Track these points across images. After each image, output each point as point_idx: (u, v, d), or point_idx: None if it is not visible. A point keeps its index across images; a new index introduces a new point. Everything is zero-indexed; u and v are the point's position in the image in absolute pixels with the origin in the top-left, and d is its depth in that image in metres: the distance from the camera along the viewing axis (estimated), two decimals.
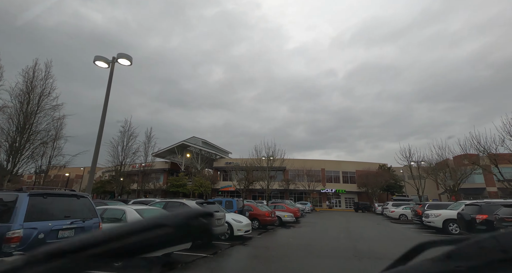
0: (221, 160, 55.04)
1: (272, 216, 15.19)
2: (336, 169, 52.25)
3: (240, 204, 14.25)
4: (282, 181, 47.37)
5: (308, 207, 34.86)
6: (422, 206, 16.36)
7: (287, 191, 48.16)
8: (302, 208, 26.84)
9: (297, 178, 46.55)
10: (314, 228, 16.26)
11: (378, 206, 34.77)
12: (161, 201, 9.69)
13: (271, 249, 9.02)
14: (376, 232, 14.45)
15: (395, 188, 47.67)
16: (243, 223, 10.87)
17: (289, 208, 20.64)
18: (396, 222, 20.23)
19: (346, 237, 12.17)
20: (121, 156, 30.50)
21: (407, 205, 23.46)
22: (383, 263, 4.80)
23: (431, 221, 13.63)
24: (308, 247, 9.46)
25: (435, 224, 13.43)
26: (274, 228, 15.38)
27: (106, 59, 9.42)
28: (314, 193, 49.30)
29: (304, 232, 14.06)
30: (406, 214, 22.13)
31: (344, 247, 9.35)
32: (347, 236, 12.49)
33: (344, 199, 51.60)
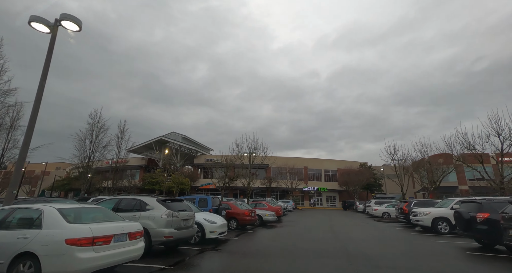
0: (202, 157, 52.82)
1: (252, 215, 13.72)
2: (318, 167, 51.88)
3: (216, 202, 12.62)
4: (264, 178, 46.15)
5: (290, 205, 33.86)
6: (408, 204, 15.60)
7: (269, 189, 47.00)
8: (284, 207, 25.67)
9: (279, 176, 45.55)
10: (297, 227, 14.98)
11: (360, 204, 34.47)
12: (114, 198, 7.85)
13: (249, 255, 7.51)
14: (362, 231, 13.41)
15: (375, 186, 48.06)
16: (218, 223, 9.29)
17: (270, 206, 19.29)
18: (380, 221, 19.52)
19: (333, 238, 10.95)
20: (89, 150, 27.69)
21: (390, 203, 22.96)
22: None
23: (420, 220, 12.79)
24: (293, 251, 8.07)
25: (423, 223, 12.59)
26: (254, 228, 13.91)
27: (46, 22, 7.41)
28: (296, 191, 48.58)
29: (287, 233, 12.71)
30: (389, 212, 21.58)
31: (333, 251, 8.05)
32: (334, 236, 11.27)
33: (325, 197, 51.35)
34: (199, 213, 9.72)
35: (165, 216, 6.80)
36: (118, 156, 33.14)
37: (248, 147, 21.70)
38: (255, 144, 21.70)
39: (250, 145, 21.65)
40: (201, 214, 9.67)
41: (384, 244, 9.53)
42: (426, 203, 15.27)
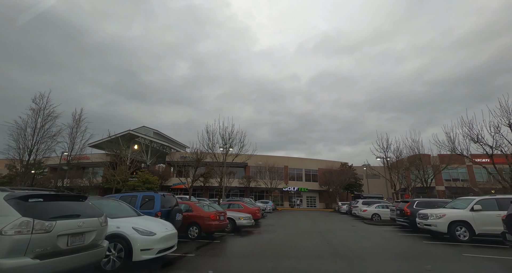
0: (176, 154, 48.10)
1: (221, 219, 10.24)
2: (299, 166, 49.38)
3: (169, 201, 8.97)
4: (242, 178, 42.68)
5: (269, 206, 30.66)
6: (410, 204, 12.96)
7: (247, 189, 43.58)
8: (263, 207, 22.39)
9: (259, 175, 42.32)
10: (279, 234, 11.72)
11: (343, 204, 32.15)
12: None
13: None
14: (361, 239, 10.44)
15: (355, 186, 46.45)
16: (158, 235, 5.71)
17: (247, 207, 15.90)
18: (371, 223, 16.86)
19: (329, 250, 7.79)
20: (31, 141, 22.54)
21: (379, 203, 20.55)
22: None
23: (432, 224, 10.05)
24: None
25: (437, 228, 9.86)
26: (224, 236, 10.45)
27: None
28: (276, 191, 45.61)
29: (267, 242, 9.39)
30: (379, 213, 19.07)
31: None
32: (330, 248, 8.12)
33: (306, 198, 48.91)
34: (132, 219, 6.11)
35: (13, 230, 3.17)
36: (71, 149, 28.00)
37: (221, 135, 17.32)
38: (230, 132, 17.36)
39: (224, 133, 17.26)
40: (134, 219, 6.06)
41: (408, 262, 6.52)
42: (431, 203, 12.73)
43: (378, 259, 6.82)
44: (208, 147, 17.33)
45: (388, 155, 19.28)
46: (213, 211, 10.18)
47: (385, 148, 19.25)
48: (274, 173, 40.33)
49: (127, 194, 8.64)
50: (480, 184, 40.41)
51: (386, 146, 19.23)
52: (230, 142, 16.45)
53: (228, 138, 17.25)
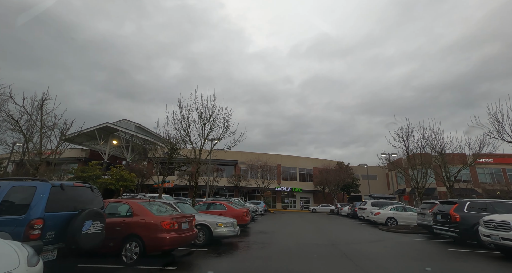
0: (161, 151, 43.41)
1: (183, 229, 6.03)
2: (292, 165, 45.46)
3: (77, 199, 4.73)
4: (232, 176, 38.36)
5: (261, 208, 26.50)
6: (459, 206, 9.06)
7: (237, 189, 39.27)
8: (253, 209, 18.23)
9: (249, 174, 38.10)
10: (278, 251, 7.60)
11: (342, 206, 28.30)
12: None
13: None
14: (420, 265, 6.45)
15: (352, 187, 42.87)
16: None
17: (232, 209, 11.71)
18: (392, 230, 12.92)
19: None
20: None
21: (393, 204, 16.73)
22: None
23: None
24: None
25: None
26: (189, 256, 6.26)
27: None
28: (268, 191, 41.47)
29: (258, 271, 5.29)
30: (395, 217, 15.21)
31: None
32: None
33: (299, 199, 44.95)
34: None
35: None
36: (27, 141, 23.06)
37: (199, 113, 11.93)
38: (211, 107, 12.07)
39: (202, 110, 11.91)
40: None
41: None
42: (487, 206, 8.88)
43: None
44: (180, 128, 12.02)
45: (408, 145, 15.46)
46: (169, 215, 5.96)
47: (407, 136, 15.38)
48: (266, 172, 36.24)
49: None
50: (484, 185, 37.44)
51: (407, 134, 15.37)
52: (212, 122, 11.96)
53: (208, 116, 11.98)
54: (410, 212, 15.37)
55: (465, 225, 8.61)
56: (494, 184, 36.93)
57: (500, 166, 38.51)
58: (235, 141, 11.94)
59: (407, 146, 15.80)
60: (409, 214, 15.12)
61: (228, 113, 11.58)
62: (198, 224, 7.86)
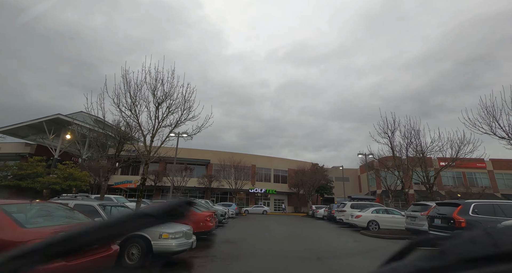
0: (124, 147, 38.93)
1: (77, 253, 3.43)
2: (267, 166, 43.60)
3: None
4: (203, 176, 35.33)
5: (232, 210, 24.03)
6: (462, 209, 7.56)
7: (208, 190, 36.29)
8: (222, 212, 15.74)
9: (222, 174, 35.36)
10: None
11: (318, 208, 26.88)
12: None
13: None
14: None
15: (326, 189, 42.12)
16: None
17: (192, 212, 9.13)
18: (376, 236, 11.33)
19: None
20: None
21: (374, 206, 15.36)
22: None
23: None
24: None
25: None
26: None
27: None
28: (241, 193, 39.04)
29: None
30: (377, 220, 13.76)
31: None
32: None
33: (273, 201, 43.12)
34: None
35: None
36: None
37: (151, 88, 8.92)
38: (169, 81, 9.13)
39: (155, 84, 8.91)
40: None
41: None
42: (496, 208, 7.49)
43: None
44: (126, 107, 8.72)
45: (395, 141, 14.19)
46: (58, 226, 3.39)
47: (392, 132, 14.06)
48: (240, 172, 33.83)
49: None
50: (448, 187, 38.88)
51: (393, 129, 14.06)
52: (169, 103, 8.96)
53: (164, 93, 8.89)
54: (393, 214, 14.05)
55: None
56: (457, 186, 38.43)
57: (460, 169, 40.34)
58: (199, 127, 9.42)
59: (392, 142, 14.52)
60: (392, 217, 13.78)
61: (190, 91, 9.02)
62: (132, 236, 5.32)
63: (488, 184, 40.04)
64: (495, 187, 40.21)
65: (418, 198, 39.47)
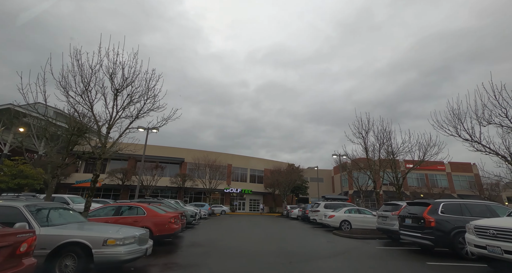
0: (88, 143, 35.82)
1: None
2: (244, 166, 42.94)
3: None
4: (176, 175, 33.67)
5: (205, 211, 23.03)
6: (432, 208, 7.50)
7: (181, 189, 34.67)
8: (192, 212, 14.77)
9: (197, 173, 33.97)
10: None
11: (292, 208, 26.79)
12: None
13: None
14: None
15: (301, 189, 42.52)
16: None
17: (154, 213, 8.20)
18: (348, 236, 11.18)
19: None
20: None
21: (347, 206, 15.39)
22: None
23: None
24: None
25: None
26: None
27: None
28: (216, 192, 37.96)
29: None
30: (349, 220, 13.74)
31: None
32: None
33: (248, 201, 42.54)
34: None
35: None
36: None
37: (109, 73, 7.57)
38: (128, 65, 7.80)
39: (114, 68, 7.57)
40: None
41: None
42: (465, 207, 7.54)
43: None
44: (76, 92, 7.40)
45: (369, 141, 14.28)
46: None
47: (367, 132, 14.14)
48: (215, 171, 32.76)
49: None
50: (413, 188, 41.23)
51: (367, 129, 14.16)
52: (131, 91, 7.80)
53: (123, 79, 7.65)
54: (364, 214, 14.14)
55: (441, 230, 7.06)
56: (420, 187, 40.89)
57: (424, 171, 43.10)
58: (165, 119, 8.43)
59: (366, 143, 14.65)
60: (363, 217, 13.85)
61: (155, 79, 7.96)
62: (67, 243, 4.34)
63: (446, 185, 43.21)
64: (452, 188, 43.50)
65: (386, 198, 41.36)
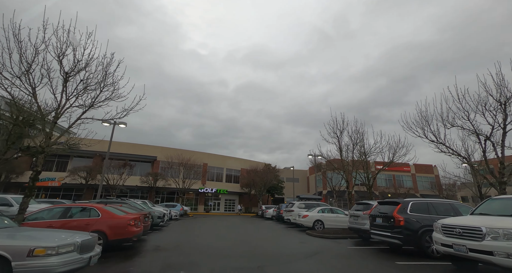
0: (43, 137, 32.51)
1: None
2: (220, 165, 41.98)
3: None
4: (147, 174, 31.83)
5: (177, 211, 21.93)
6: (401, 207, 7.52)
7: (152, 189, 32.85)
8: (160, 213, 13.78)
9: (170, 173, 32.40)
10: None
11: (267, 208, 26.56)
12: None
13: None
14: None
15: (277, 189, 42.62)
16: None
17: (110, 215, 7.31)
18: (320, 236, 11.05)
19: None
20: None
21: (320, 206, 15.40)
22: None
23: None
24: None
25: None
26: None
27: None
28: (190, 192, 36.63)
29: None
30: (322, 219, 13.72)
31: None
32: None
33: (224, 201, 41.67)
34: None
35: None
36: None
37: (57, 52, 6.26)
38: (81, 44, 6.55)
39: (63, 48, 6.30)
40: None
41: None
42: (432, 206, 7.65)
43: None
44: (13, 74, 6.17)
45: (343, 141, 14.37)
46: None
47: (341, 131, 14.26)
48: (190, 170, 31.49)
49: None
50: (381, 188, 43.22)
51: (342, 129, 14.27)
52: (86, 76, 6.70)
53: (74, 62, 6.56)
54: (337, 214, 14.21)
55: (410, 229, 7.08)
56: (388, 187, 43.03)
57: (391, 172, 45.50)
58: (126, 109, 7.48)
59: (340, 143, 14.76)
60: (336, 216, 13.92)
61: (114, 64, 6.92)
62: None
63: (411, 186, 46.03)
64: (416, 188, 46.45)
65: (357, 197, 42.97)
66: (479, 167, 13.31)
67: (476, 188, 17.69)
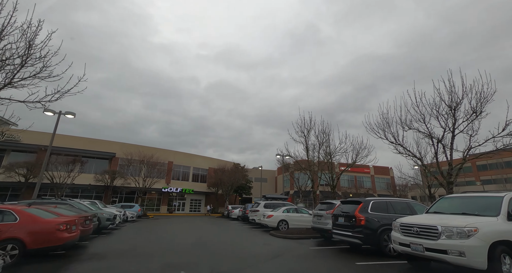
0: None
1: None
2: (187, 164, 40.13)
3: None
4: (103, 172, 28.92)
5: (133, 212, 20.15)
6: (363, 207, 7.44)
7: (109, 188, 29.96)
8: (110, 215, 12.29)
9: (129, 170, 29.86)
10: None
11: (233, 208, 25.86)
12: None
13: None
14: None
15: (245, 189, 42.11)
16: None
17: (32, 219, 6.03)
18: (286, 237, 10.72)
19: None
20: None
21: (285, 206, 15.20)
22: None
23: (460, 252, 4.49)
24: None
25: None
26: None
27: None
28: (153, 192, 34.32)
29: None
30: (287, 219, 13.49)
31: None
32: None
33: (189, 201, 39.88)
34: None
35: None
36: None
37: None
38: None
39: None
40: None
41: None
42: (390, 205, 7.71)
43: None
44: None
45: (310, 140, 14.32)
46: None
47: (308, 131, 14.19)
48: (152, 168, 29.35)
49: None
50: (344, 188, 45.29)
51: (309, 128, 14.19)
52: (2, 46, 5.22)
53: None
54: (301, 213, 14.12)
55: (370, 228, 7.02)
56: (350, 187, 45.28)
57: (353, 174, 48.09)
58: (59, 91, 6.17)
59: (307, 142, 14.72)
60: (300, 216, 13.81)
61: (39, 31, 5.55)
62: None
63: (370, 186, 49.16)
64: (375, 189, 49.74)
65: (322, 197, 44.47)
66: (430, 168, 14.30)
67: (426, 188, 19.13)
